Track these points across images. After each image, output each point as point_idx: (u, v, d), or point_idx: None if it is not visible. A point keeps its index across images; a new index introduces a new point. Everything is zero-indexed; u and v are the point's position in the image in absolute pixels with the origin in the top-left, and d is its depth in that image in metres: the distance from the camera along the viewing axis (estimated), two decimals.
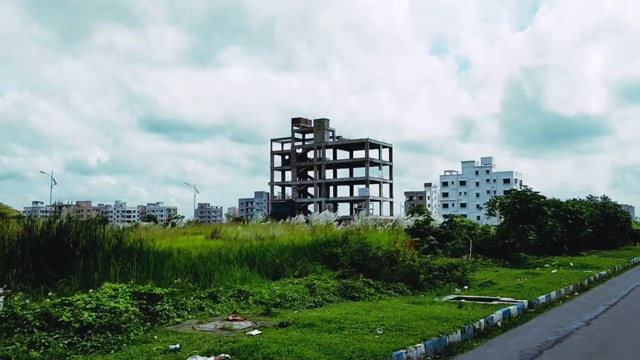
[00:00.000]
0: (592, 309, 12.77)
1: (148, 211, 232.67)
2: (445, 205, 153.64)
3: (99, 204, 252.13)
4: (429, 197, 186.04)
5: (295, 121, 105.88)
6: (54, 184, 70.18)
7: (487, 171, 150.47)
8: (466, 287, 15.68)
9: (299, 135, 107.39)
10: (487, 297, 13.52)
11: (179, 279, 11.88)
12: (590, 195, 39.13)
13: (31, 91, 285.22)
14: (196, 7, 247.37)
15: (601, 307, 12.92)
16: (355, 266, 16.10)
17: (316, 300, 11.16)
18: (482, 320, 9.95)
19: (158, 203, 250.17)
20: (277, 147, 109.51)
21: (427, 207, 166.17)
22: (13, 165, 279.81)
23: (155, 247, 14.95)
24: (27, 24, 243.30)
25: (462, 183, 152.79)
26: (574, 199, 35.97)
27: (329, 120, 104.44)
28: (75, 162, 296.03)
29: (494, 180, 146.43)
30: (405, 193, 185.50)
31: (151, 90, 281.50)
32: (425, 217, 27.78)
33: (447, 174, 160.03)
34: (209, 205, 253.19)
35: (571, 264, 23.27)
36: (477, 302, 12.48)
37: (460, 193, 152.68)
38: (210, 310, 9.70)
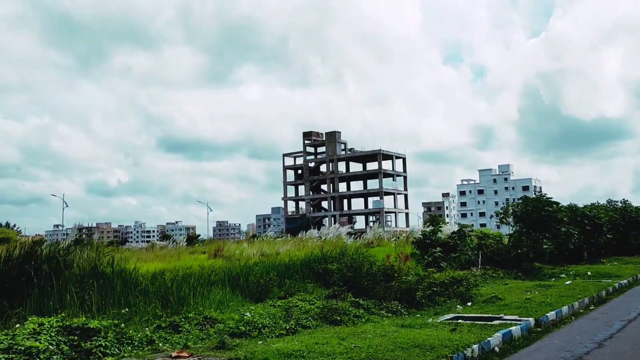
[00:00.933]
0: (608, 325, 11.33)
1: (167, 230, 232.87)
2: (463, 215, 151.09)
3: (119, 225, 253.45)
4: (447, 207, 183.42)
5: (307, 135, 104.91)
6: (65, 206, 69.98)
7: (505, 179, 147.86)
8: (469, 303, 14.31)
9: (311, 149, 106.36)
10: (490, 315, 12.16)
11: (126, 309, 10.69)
12: (609, 199, 37.17)
13: (52, 116, 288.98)
14: (210, 26, 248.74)
15: (618, 324, 11.47)
16: (347, 284, 14.84)
17: (289, 327, 9.88)
18: (475, 347, 8.61)
19: (177, 222, 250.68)
20: (289, 161, 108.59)
21: (445, 217, 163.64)
22: (36, 190, 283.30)
23: (131, 270, 13.77)
24: (45, 50, 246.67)
25: (480, 192, 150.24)
26: (592, 204, 34.15)
27: (340, 132, 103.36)
28: (97, 184, 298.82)
29: (513, 188, 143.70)
30: (423, 204, 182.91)
31: (169, 110, 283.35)
32: (433, 227, 26.35)
33: (465, 183, 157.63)
34: (227, 222, 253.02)
35: (589, 273, 21.70)
36: (476, 321, 11.12)
37: (478, 202, 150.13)
38: (161, 344, 8.48)
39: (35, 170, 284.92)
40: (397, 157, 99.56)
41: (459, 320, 11.25)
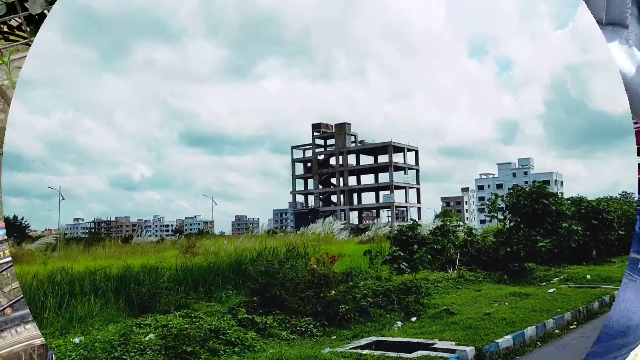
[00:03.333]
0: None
1: (186, 225, 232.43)
2: (481, 210, 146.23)
3: (138, 219, 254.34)
4: (466, 202, 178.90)
5: (316, 126, 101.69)
6: (62, 199, 67.88)
7: (525, 173, 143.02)
8: (414, 318, 11.15)
9: (320, 142, 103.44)
10: (420, 340, 8.98)
11: None
12: (624, 191, 33.31)
13: (76, 110, 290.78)
14: (232, 19, 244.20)
15: None
16: (261, 293, 11.79)
17: None
18: None
19: (195, 216, 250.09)
20: (299, 154, 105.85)
21: (465, 212, 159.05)
22: (62, 184, 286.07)
23: None
24: (68, 45, 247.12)
25: (499, 186, 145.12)
26: (604, 197, 30.46)
27: (350, 124, 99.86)
28: (120, 178, 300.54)
29: (533, 182, 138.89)
30: (442, 198, 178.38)
31: (191, 105, 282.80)
32: (412, 222, 23.13)
33: (483, 177, 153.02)
34: (245, 217, 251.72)
35: (588, 276, 18.27)
36: (389, 353, 7.99)
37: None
38: None
39: (60, 164, 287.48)
40: (409, 150, 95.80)
41: (365, 352, 8.10)
